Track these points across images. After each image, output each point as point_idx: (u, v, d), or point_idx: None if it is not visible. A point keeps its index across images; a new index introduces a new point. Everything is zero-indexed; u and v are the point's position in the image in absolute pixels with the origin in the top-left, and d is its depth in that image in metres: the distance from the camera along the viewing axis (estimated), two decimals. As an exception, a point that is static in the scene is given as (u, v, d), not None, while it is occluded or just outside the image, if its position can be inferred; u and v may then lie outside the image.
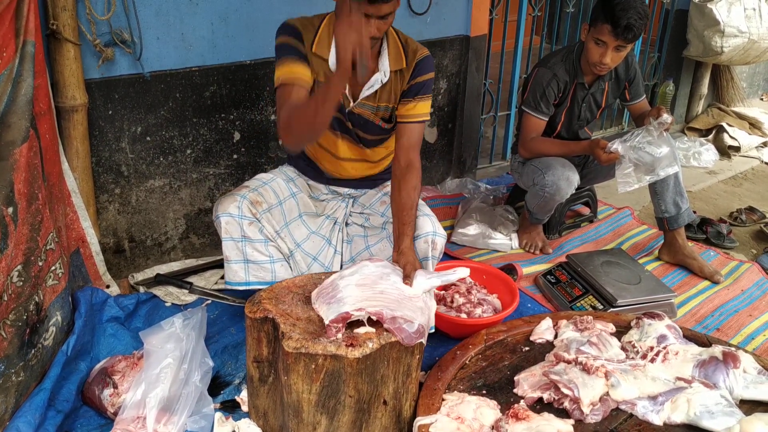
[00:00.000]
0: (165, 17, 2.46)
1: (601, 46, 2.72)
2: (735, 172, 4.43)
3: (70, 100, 2.27)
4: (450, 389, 1.94)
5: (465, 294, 2.52)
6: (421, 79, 2.20)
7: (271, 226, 2.22)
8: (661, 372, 1.95)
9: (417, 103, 2.21)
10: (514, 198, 3.47)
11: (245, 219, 2.13)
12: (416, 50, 2.20)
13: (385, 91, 2.19)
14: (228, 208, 2.12)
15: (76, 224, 2.36)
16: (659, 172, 2.76)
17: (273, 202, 2.25)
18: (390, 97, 2.21)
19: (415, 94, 2.20)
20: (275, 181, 2.32)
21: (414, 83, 2.20)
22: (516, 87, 3.98)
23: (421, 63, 2.20)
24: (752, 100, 5.80)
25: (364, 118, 2.23)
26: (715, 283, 2.95)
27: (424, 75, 2.21)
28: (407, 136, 2.20)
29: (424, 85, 2.21)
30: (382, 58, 2.15)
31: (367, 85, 2.16)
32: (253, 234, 2.16)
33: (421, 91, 2.21)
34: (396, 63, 2.17)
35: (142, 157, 2.61)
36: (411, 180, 2.13)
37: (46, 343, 1.99)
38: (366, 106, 2.21)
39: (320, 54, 2.13)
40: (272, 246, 2.21)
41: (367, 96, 2.18)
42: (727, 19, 4.39)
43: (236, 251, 2.15)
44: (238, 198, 2.14)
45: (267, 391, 1.86)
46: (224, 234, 2.13)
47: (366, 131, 2.27)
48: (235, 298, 2.52)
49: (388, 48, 2.15)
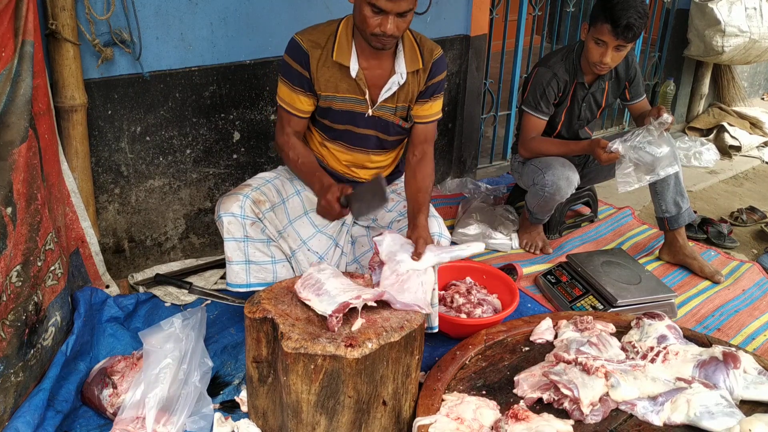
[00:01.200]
0: (164, 17, 2.46)
1: (601, 45, 2.71)
2: (736, 172, 4.42)
3: (70, 100, 2.27)
4: (450, 389, 1.94)
5: (465, 294, 2.52)
6: (438, 80, 2.22)
7: (273, 225, 2.21)
8: (661, 372, 1.95)
9: (433, 102, 2.24)
10: (515, 198, 3.47)
11: (248, 219, 2.12)
12: (432, 49, 2.20)
13: (403, 91, 2.19)
14: (230, 208, 2.10)
15: (75, 224, 2.36)
16: (659, 171, 2.75)
17: (276, 200, 2.23)
18: (407, 97, 2.21)
19: (431, 95, 2.23)
20: (278, 179, 2.29)
21: (431, 84, 2.21)
22: (516, 87, 3.97)
23: (437, 63, 2.20)
24: (753, 99, 5.80)
25: (384, 120, 2.23)
26: (715, 283, 2.95)
27: (440, 75, 2.22)
28: (423, 134, 2.26)
29: (439, 85, 2.23)
30: (398, 60, 2.14)
31: (385, 88, 2.16)
32: (255, 234, 2.15)
33: (437, 91, 2.24)
34: (412, 64, 2.16)
35: (142, 157, 2.61)
36: (425, 168, 2.22)
37: (45, 343, 1.99)
38: (385, 108, 2.21)
39: (341, 61, 2.11)
40: (274, 246, 2.20)
41: (386, 98, 2.18)
42: (727, 19, 4.39)
43: (238, 252, 2.13)
44: (240, 197, 2.12)
45: (266, 392, 1.86)
46: (226, 234, 2.11)
47: (387, 133, 2.27)
48: (234, 298, 2.52)
49: (404, 49, 2.14)
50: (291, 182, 2.32)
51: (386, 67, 2.15)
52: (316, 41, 2.12)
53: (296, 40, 2.13)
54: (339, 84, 2.15)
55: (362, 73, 2.13)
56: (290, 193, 2.29)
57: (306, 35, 2.13)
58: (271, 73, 2.82)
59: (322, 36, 2.13)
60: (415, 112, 2.24)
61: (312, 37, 2.12)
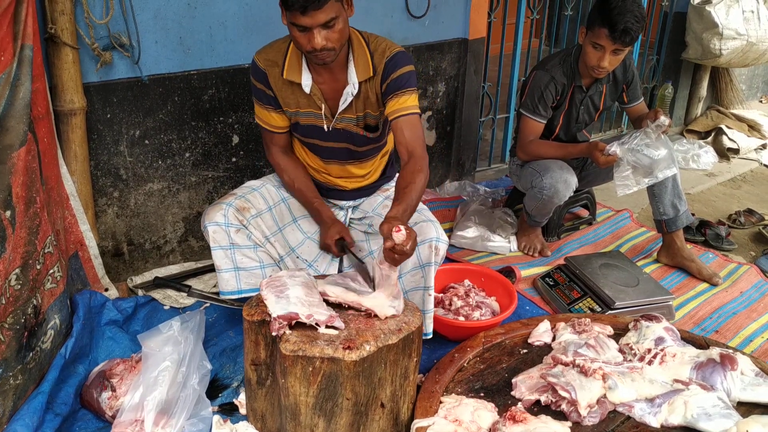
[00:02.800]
0: (163, 21, 2.47)
1: (599, 49, 2.72)
2: (734, 175, 4.43)
3: (69, 103, 2.28)
4: (448, 392, 1.94)
5: (463, 297, 2.52)
6: (396, 75, 2.07)
7: (259, 231, 2.21)
8: (659, 374, 1.95)
9: (400, 97, 2.06)
10: (513, 200, 3.47)
11: (232, 226, 2.12)
12: (384, 51, 2.08)
13: (359, 101, 2.15)
14: (214, 217, 2.11)
15: (74, 228, 2.36)
16: (657, 174, 2.76)
17: (262, 207, 2.24)
18: (366, 104, 2.15)
19: (395, 90, 2.07)
20: (264, 187, 2.30)
21: (390, 81, 2.07)
22: (515, 90, 3.98)
23: (391, 62, 2.07)
24: (751, 102, 5.81)
25: (348, 131, 2.20)
26: (713, 285, 2.95)
27: (398, 70, 2.07)
28: (402, 131, 2.06)
29: (401, 79, 2.07)
30: (349, 69, 2.09)
31: (341, 101, 2.12)
32: (241, 240, 2.15)
33: (402, 86, 2.06)
34: (364, 73, 2.08)
35: (141, 161, 2.61)
36: (411, 165, 2.01)
37: (44, 346, 1.99)
38: (346, 119, 2.17)
39: (292, 79, 2.10)
40: (262, 251, 2.21)
41: (345, 109, 2.14)
42: (725, 22, 4.40)
43: (226, 260, 2.14)
44: (223, 206, 2.13)
45: (265, 394, 1.86)
46: (213, 243, 2.13)
47: (354, 144, 2.24)
48: (233, 301, 2.52)
49: (354, 58, 2.07)
50: (278, 189, 2.32)
51: (341, 78, 2.11)
52: (272, 59, 2.11)
53: (254, 60, 2.13)
54: (299, 99, 2.14)
55: (316, 88, 2.11)
56: (277, 200, 2.30)
57: (263, 54, 2.13)
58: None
59: (278, 53, 2.11)
60: (387, 111, 2.10)
61: (268, 56, 2.12)
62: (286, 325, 1.72)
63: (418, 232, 2.14)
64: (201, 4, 2.54)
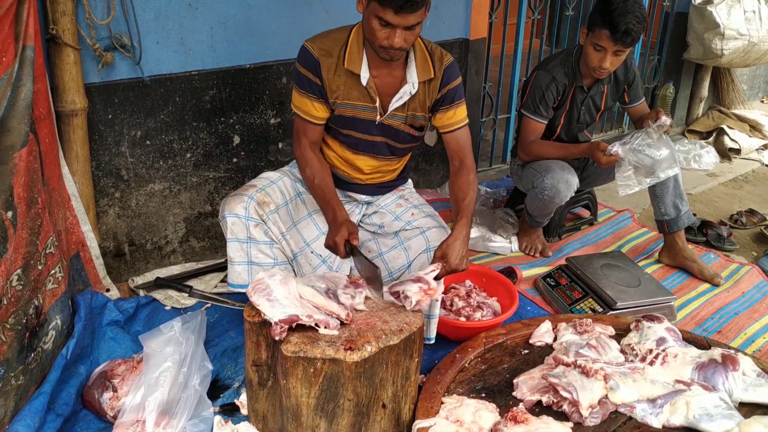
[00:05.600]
0: (164, 21, 2.47)
1: (600, 51, 2.71)
2: (735, 175, 4.43)
3: (70, 104, 2.28)
4: (449, 392, 1.94)
5: (464, 297, 2.52)
6: (452, 86, 2.18)
7: (276, 227, 2.19)
8: (660, 375, 1.95)
9: (455, 109, 2.21)
10: (514, 201, 3.47)
11: (252, 220, 2.10)
12: (442, 57, 2.17)
13: (415, 101, 2.18)
14: (235, 209, 2.08)
15: (76, 228, 2.37)
16: (659, 174, 2.75)
17: (280, 201, 2.21)
18: (420, 106, 2.20)
19: (450, 101, 2.20)
20: (282, 180, 2.27)
21: (446, 91, 2.18)
22: (516, 90, 3.98)
23: (449, 70, 2.17)
24: (753, 102, 5.81)
25: (395, 128, 2.22)
26: (715, 285, 2.95)
27: (454, 81, 2.19)
28: (454, 142, 2.23)
29: (456, 90, 2.20)
30: (409, 69, 2.12)
31: (396, 97, 2.14)
32: (258, 236, 2.14)
33: (455, 97, 2.21)
34: (424, 73, 2.14)
35: (142, 161, 2.62)
36: (462, 177, 2.18)
37: (45, 346, 1.99)
38: (396, 117, 2.20)
39: (352, 69, 2.10)
40: (277, 248, 2.20)
41: (397, 107, 2.17)
42: (726, 22, 4.40)
43: (241, 252, 2.13)
44: (245, 198, 2.10)
45: (266, 395, 1.86)
46: (229, 234, 2.10)
47: (397, 140, 2.26)
48: (234, 302, 2.52)
49: (416, 59, 2.13)
50: (293, 183, 2.30)
51: (397, 75, 2.14)
52: (327, 49, 2.11)
53: (306, 48, 2.11)
54: (350, 91, 2.14)
55: (372, 82, 2.12)
56: (293, 195, 2.28)
57: (317, 43, 2.12)
58: (270, 77, 2.83)
59: (333, 43, 2.11)
60: (439, 122, 2.23)
61: (323, 45, 2.11)
62: (287, 328, 1.72)
63: (430, 237, 2.19)
64: (202, 5, 2.54)
